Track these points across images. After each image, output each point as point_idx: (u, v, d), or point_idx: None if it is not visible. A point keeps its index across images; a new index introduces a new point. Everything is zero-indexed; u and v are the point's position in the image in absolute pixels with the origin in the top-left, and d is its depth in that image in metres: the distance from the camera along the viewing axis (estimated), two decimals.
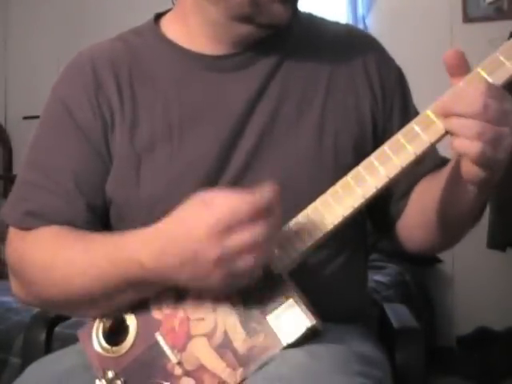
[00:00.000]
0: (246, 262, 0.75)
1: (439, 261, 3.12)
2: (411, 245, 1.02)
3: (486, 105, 0.73)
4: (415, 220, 0.98)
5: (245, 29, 0.93)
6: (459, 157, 0.79)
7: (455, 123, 0.75)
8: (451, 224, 0.93)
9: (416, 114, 1.01)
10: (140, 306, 0.87)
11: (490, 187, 0.83)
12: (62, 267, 0.88)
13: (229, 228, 0.74)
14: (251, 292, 0.81)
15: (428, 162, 0.96)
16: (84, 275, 0.86)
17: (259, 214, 0.74)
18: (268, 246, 0.76)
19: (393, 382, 0.91)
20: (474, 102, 0.73)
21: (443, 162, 0.97)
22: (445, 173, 0.89)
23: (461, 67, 0.77)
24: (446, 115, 0.77)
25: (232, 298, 0.82)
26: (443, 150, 0.97)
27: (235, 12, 0.91)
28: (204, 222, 0.74)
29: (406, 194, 0.99)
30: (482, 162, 0.75)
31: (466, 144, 0.74)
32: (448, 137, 0.78)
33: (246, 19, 0.92)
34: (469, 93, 0.75)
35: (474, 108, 0.73)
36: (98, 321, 0.89)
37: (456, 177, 0.83)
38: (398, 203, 1.00)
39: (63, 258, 0.88)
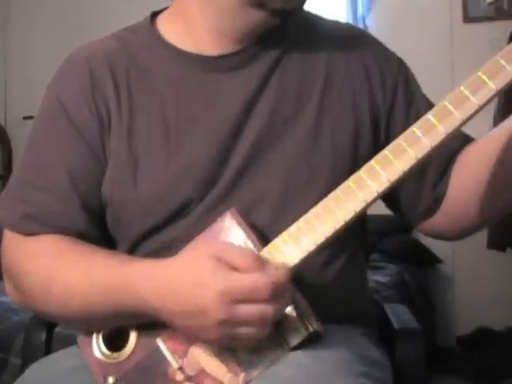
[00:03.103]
0: (248, 331, 0.76)
1: (439, 261, 3.12)
2: (466, 223, 0.99)
3: None
4: (472, 195, 0.95)
5: (256, 15, 0.92)
6: None
7: None
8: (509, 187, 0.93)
9: (423, 99, 1.01)
10: None
11: None
12: (61, 287, 0.87)
13: (243, 300, 0.75)
14: None
15: (454, 141, 0.96)
16: (82, 299, 0.86)
17: (273, 296, 0.76)
18: (271, 324, 0.77)
19: (393, 382, 0.91)
20: None
21: (469, 138, 0.99)
22: (504, 135, 0.89)
23: None
24: None
25: None
26: None
27: None
28: (221, 285, 0.75)
29: (442, 179, 0.97)
30: None
31: None
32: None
33: (258, 4, 0.90)
34: None
35: None
36: None
37: None
38: (433, 191, 0.98)
39: (62, 278, 0.88)
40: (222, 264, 0.77)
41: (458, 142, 0.97)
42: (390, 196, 0.88)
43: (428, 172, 0.97)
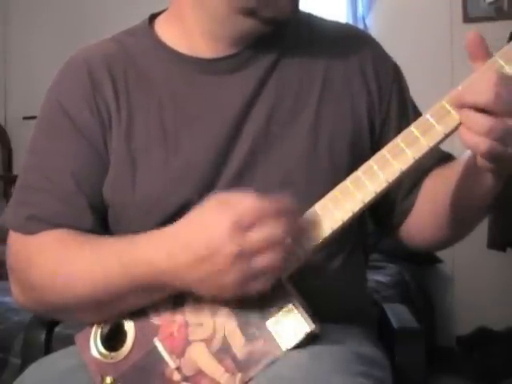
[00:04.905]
0: (265, 259, 0.75)
1: (439, 261, 3.12)
2: (421, 241, 1.02)
3: (497, 95, 0.73)
4: (428, 215, 0.98)
5: (247, 23, 0.92)
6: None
7: (466, 116, 0.75)
8: (466, 214, 0.93)
9: (414, 109, 1.02)
10: (138, 312, 0.86)
11: (507, 174, 0.83)
12: (67, 272, 0.87)
13: (251, 224, 0.75)
14: (250, 297, 0.80)
15: (430, 158, 0.96)
16: (91, 279, 0.85)
17: (280, 213, 0.75)
18: (287, 246, 0.76)
19: (393, 382, 0.91)
20: (485, 92, 0.73)
21: (447, 157, 0.98)
22: (462, 162, 0.89)
23: (480, 50, 0.77)
24: (458, 105, 0.77)
25: (231, 302, 0.81)
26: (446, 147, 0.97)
27: (240, 4, 0.90)
28: (228, 219, 0.75)
29: (411, 191, 0.99)
30: (491, 157, 0.75)
31: (476, 140, 0.74)
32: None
33: (249, 12, 0.90)
34: (481, 83, 0.74)
35: (484, 98, 0.73)
36: (95, 326, 0.89)
37: (474, 165, 0.83)
38: (403, 202, 1.00)
39: (69, 266, 0.87)
40: (225, 204, 0.77)
41: (433, 159, 0.98)
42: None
43: (400, 186, 0.97)
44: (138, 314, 0.86)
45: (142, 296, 0.85)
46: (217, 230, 0.75)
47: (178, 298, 0.84)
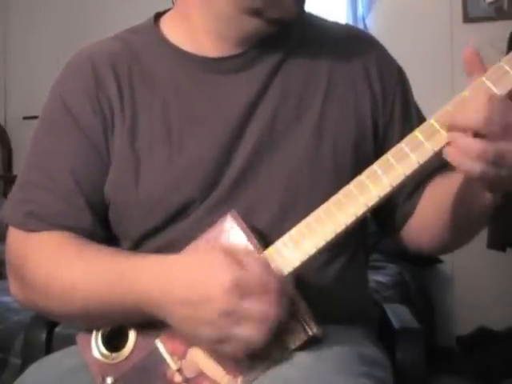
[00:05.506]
0: (246, 330, 0.76)
1: (439, 261, 3.12)
2: (422, 244, 1.02)
3: (487, 118, 0.72)
4: (431, 217, 0.98)
5: (253, 23, 0.92)
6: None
7: (457, 138, 0.75)
8: (466, 223, 0.93)
9: (418, 112, 1.01)
10: None
11: (503, 190, 0.82)
12: (60, 284, 0.87)
13: (250, 293, 0.75)
14: None
15: (433, 162, 0.96)
16: (83, 296, 0.86)
17: (281, 299, 0.76)
18: (269, 331, 0.76)
19: (393, 382, 0.91)
20: (475, 115, 0.73)
21: (448, 163, 0.98)
22: (461, 174, 0.88)
23: (476, 66, 0.77)
24: (448, 127, 0.76)
25: None
26: None
27: (246, 4, 0.90)
28: (230, 276, 0.76)
29: (413, 195, 0.99)
30: (484, 181, 0.75)
31: (468, 164, 0.74)
32: None
33: (255, 13, 0.90)
34: (471, 105, 0.74)
35: (475, 122, 0.73)
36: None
37: (469, 180, 0.83)
38: (404, 205, 1.00)
39: (62, 274, 0.88)
40: (230, 258, 0.77)
41: (436, 163, 0.97)
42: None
43: (402, 189, 0.96)
44: None
45: (126, 319, 0.86)
46: (217, 283, 0.76)
47: None
